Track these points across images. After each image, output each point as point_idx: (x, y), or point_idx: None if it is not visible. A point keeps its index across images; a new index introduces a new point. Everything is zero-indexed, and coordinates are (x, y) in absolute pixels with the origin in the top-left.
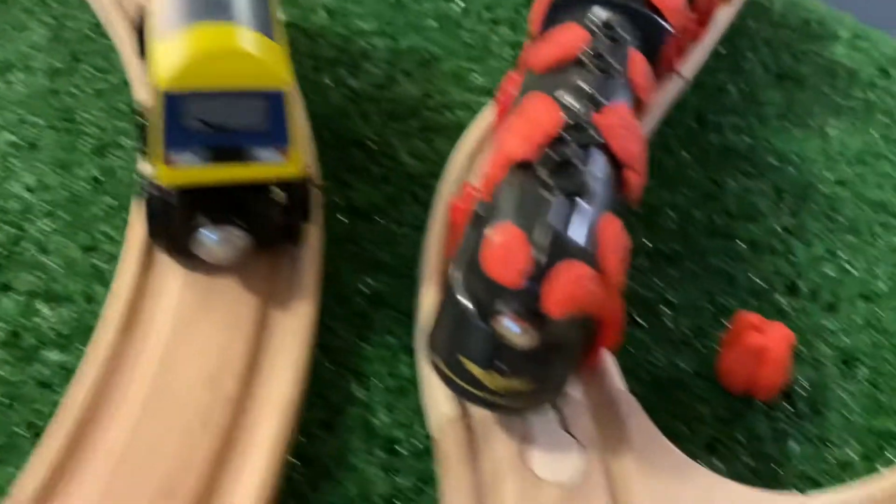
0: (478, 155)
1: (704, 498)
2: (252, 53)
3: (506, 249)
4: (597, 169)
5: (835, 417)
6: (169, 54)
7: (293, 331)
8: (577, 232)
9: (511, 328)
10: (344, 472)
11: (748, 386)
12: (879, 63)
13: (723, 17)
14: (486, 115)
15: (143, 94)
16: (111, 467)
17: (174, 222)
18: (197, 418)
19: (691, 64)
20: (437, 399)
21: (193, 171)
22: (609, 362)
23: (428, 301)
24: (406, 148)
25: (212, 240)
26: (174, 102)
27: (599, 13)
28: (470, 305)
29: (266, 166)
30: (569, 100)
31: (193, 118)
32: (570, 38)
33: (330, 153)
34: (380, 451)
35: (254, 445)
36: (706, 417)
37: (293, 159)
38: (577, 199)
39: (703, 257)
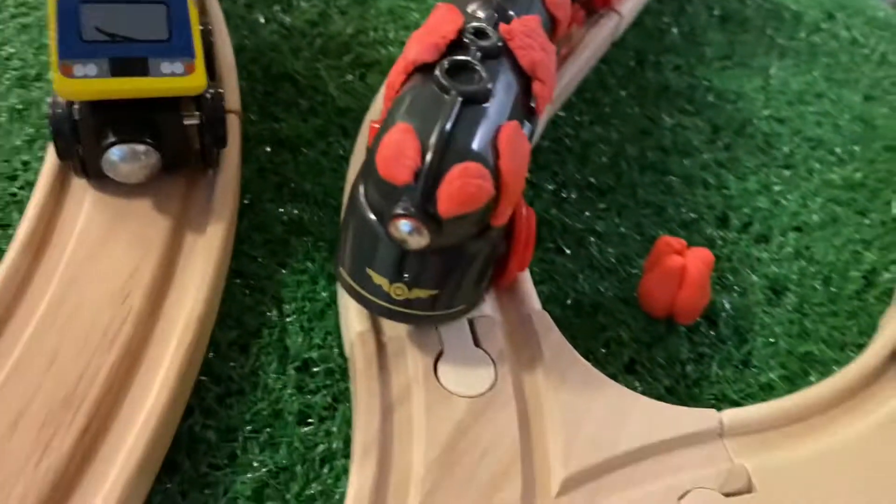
0: None
1: (615, 411)
2: None
3: (396, 146)
4: (499, 74)
5: (759, 342)
6: None
7: (205, 252)
8: (473, 134)
9: (403, 228)
10: (256, 391)
11: (669, 309)
12: (825, 6)
13: None
14: None
15: None
16: (3, 375)
17: (81, 140)
18: (103, 333)
19: (631, 2)
20: (350, 317)
21: (92, 82)
22: (526, 284)
23: None
24: (336, 83)
25: (119, 157)
26: (68, 8)
27: None
28: (371, 216)
29: (169, 80)
30: (475, 9)
31: (90, 26)
32: None
33: (258, 87)
34: (293, 371)
35: (160, 360)
36: (626, 340)
37: (197, 73)
38: (476, 102)
39: (634, 190)
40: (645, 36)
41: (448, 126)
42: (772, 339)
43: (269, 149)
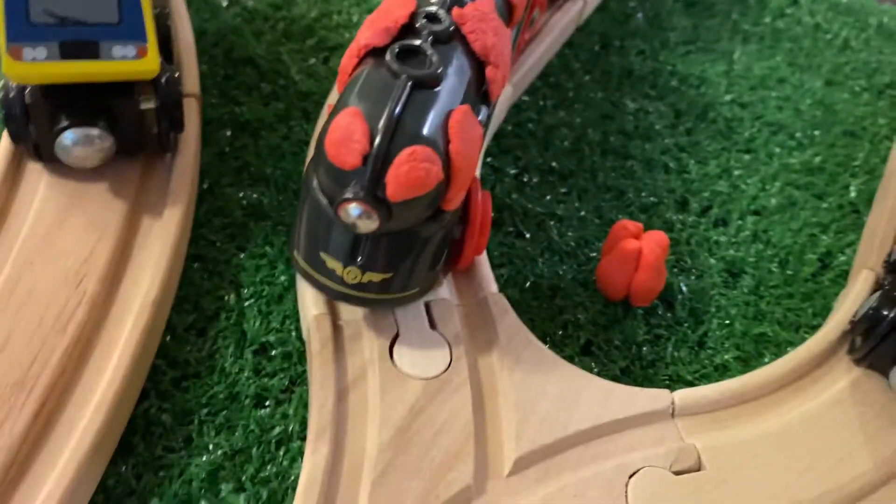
0: None
1: (569, 392)
2: None
3: (344, 130)
4: (451, 59)
5: (714, 324)
6: None
7: (161, 236)
8: (422, 118)
9: (352, 212)
10: (212, 374)
11: (625, 292)
12: None
13: None
14: None
15: None
16: None
17: (34, 124)
18: (57, 316)
19: None
20: (307, 301)
21: (41, 66)
22: (484, 267)
23: None
24: (299, 67)
25: (72, 141)
26: None
27: None
28: (323, 199)
29: (120, 64)
30: None
31: (38, 9)
32: None
33: (219, 71)
34: (250, 355)
35: (114, 344)
36: (583, 322)
37: (150, 57)
38: (426, 88)
39: (595, 175)
40: (610, 20)
41: (397, 110)
42: (727, 321)
43: (229, 133)
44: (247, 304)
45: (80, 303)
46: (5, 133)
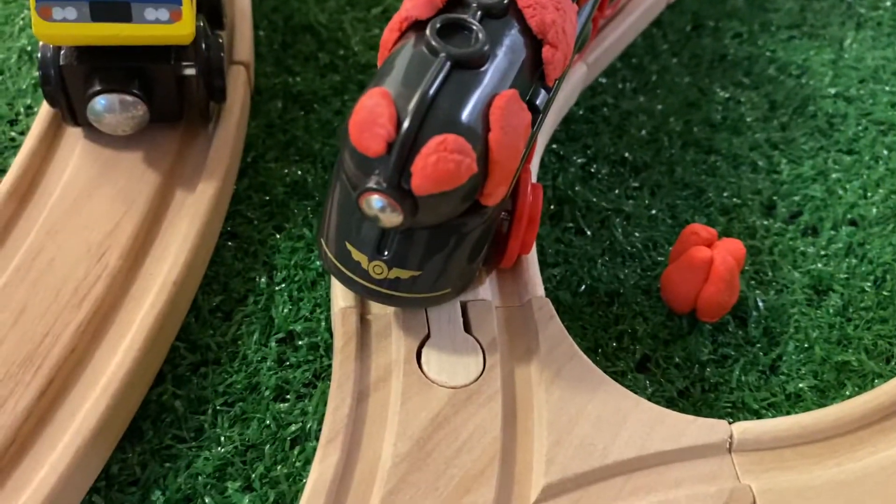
0: None
1: (613, 414)
2: None
3: (369, 112)
4: (504, 39)
5: (791, 347)
6: None
7: (192, 212)
8: (460, 102)
9: (374, 204)
10: (233, 361)
11: (692, 304)
12: None
13: None
14: None
15: None
16: None
17: (68, 87)
18: (74, 290)
19: None
20: (336, 290)
21: (70, 26)
22: (532, 267)
23: None
24: (360, 36)
25: (104, 107)
26: None
27: None
28: (348, 185)
29: (153, 27)
30: None
31: None
32: None
33: (276, 38)
34: (275, 344)
35: (129, 323)
36: (641, 335)
37: (184, 21)
38: (468, 68)
39: (673, 169)
40: None
41: (431, 92)
42: (806, 345)
43: (280, 104)
44: (277, 288)
45: (100, 277)
46: None
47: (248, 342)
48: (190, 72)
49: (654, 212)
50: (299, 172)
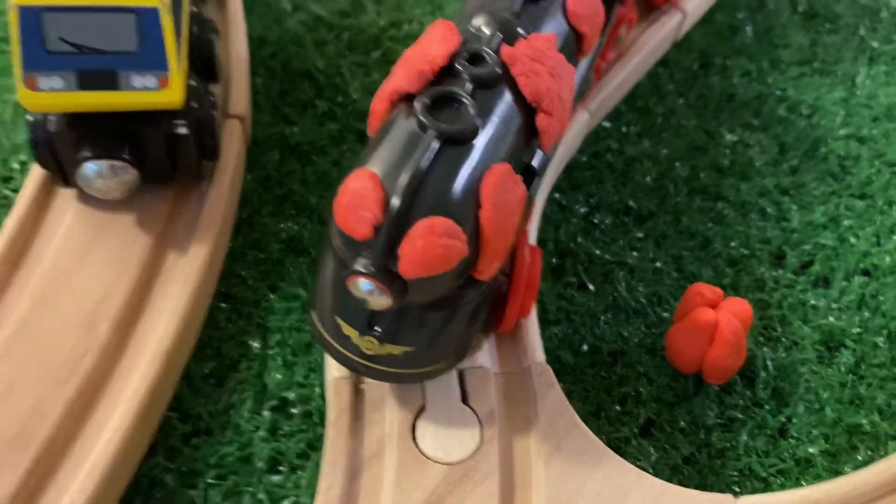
0: None
1: (614, 490)
2: None
3: (355, 195)
4: (494, 107)
5: (801, 408)
6: None
7: (184, 276)
8: (449, 181)
9: (362, 287)
10: (226, 431)
11: (697, 366)
12: None
13: None
14: None
15: None
16: None
17: (58, 151)
18: (63, 363)
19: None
20: (329, 358)
21: (58, 96)
22: (531, 330)
23: None
24: (360, 82)
25: (96, 174)
26: (31, 17)
27: None
28: (336, 260)
29: (141, 94)
30: (478, 27)
31: (55, 37)
32: None
33: (273, 85)
34: (268, 412)
35: (121, 396)
36: (646, 397)
37: (173, 87)
38: (459, 144)
39: (678, 218)
40: (714, 35)
41: (418, 172)
42: (817, 406)
43: (277, 156)
44: (271, 352)
45: (90, 349)
46: None
47: (241, 410)
48: (182, 131)
49: (658, 264)
50: (295, 227)
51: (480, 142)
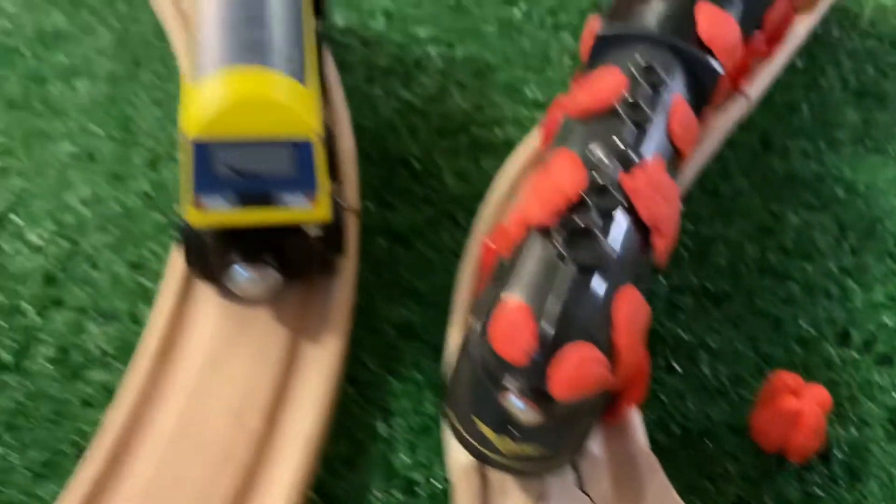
0: (521, 182)
1: None
2: (281, 102)
3: (511, 326)
4: (619, 234)
5: (873, 484)
6: (198, 101)
7: (321, 366)
8: (589, 309)
9: (515, 405)
10: None
11: (780, 447)
12: None
13: (803, 27)
14: (535, 136)
15: None
16: (138, 500)
17: (208, 257)
18: (220, 453)
19: (760, 81)
20: (455, 444)
21: (222, 214)
22: (634, 417)
23: (454, 338)
24: (451, 167)
25: (244, 277)
26: (203, 150)
27: (643, 54)
28: (482, 368)
29: (294, 211)
30: (597, 156)
31: (222, 165)
32: (606, 86)
33: (374, 171)
34: (397, 492)
35: (274, 482)
36: (734, 475)
37: (321, 204)
38: (594, 271)
39: (752, 299)
40: (772, 115)
41: (563, 302)
42: (887, 482)
43: (384, 243)
44: (396, 435)
45: (243, 438)
46: (177, 253)
47: (373, 491)
48: (317, 233)
49: (737, 345)
50: (406, 313)
51: (612, 269)
